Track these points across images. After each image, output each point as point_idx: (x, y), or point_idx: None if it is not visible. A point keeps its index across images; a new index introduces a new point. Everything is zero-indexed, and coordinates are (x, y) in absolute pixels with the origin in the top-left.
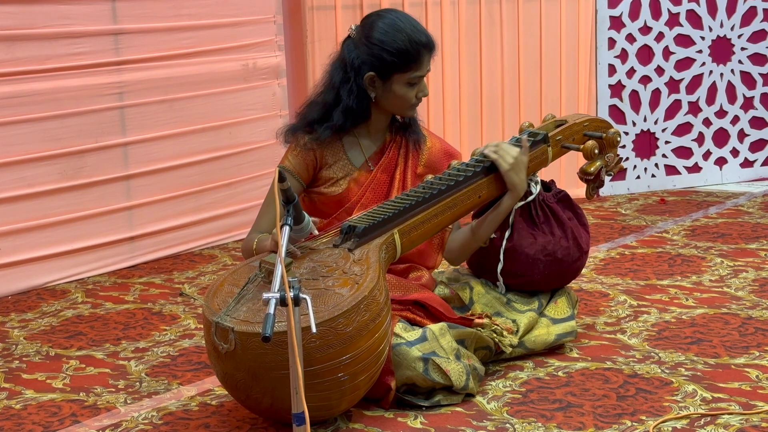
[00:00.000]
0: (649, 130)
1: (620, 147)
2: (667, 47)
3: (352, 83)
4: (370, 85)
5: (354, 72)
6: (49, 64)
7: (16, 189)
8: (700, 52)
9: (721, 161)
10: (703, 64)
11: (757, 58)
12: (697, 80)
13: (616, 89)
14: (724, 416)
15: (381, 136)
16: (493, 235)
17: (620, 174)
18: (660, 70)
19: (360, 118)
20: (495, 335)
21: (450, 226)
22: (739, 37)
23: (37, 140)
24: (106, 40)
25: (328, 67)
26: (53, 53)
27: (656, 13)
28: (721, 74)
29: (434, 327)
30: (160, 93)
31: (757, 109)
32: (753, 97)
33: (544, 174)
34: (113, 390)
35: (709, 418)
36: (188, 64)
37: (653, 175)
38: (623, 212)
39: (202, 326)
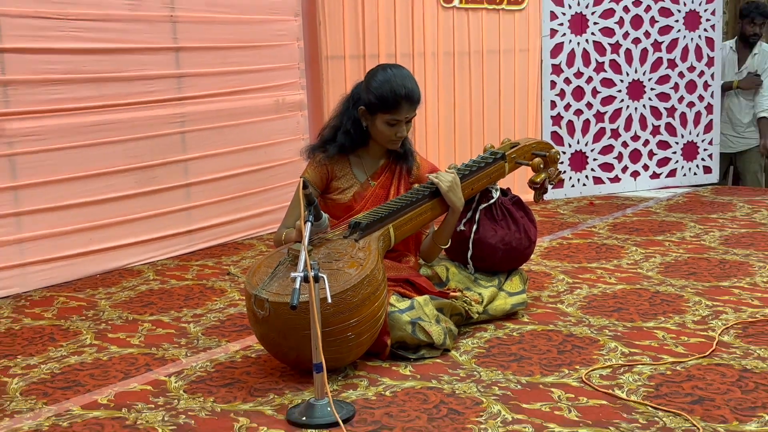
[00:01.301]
0: (581, 150)
1: (559, 163)
2: (594, 88)
3: (350, 111)
4: (362, 116)
5: (352, 104)
6: (128, 100)
7: (104, 193)
8: (620, 91)
9: (635, 174)
10: (622, 100)
11: (662, 96)
12: (617, 113)
13: (557, 119)
14: (638, 366)
15: (378, 160)
16: (462, 228)
17: (559, 183)
18: (589, 105)
19: (357, 140)
20: (465, 305)
21: (427, 231)
22: (649, 80)
23: (119, 157)
24: (171, 82)
25: (339, 103)
26: (132, 91)
27: (586, 62)
28: (636, 108)
29: (420, 299)
30: (212, 122)
31: (662, 134)
32: (659, 125)
33: (502, 183)
34: (177, 346)
35: (627, 368)
36: (233, 99)
37: (584, 185)
38: (561, 212)
39: (244, 297)
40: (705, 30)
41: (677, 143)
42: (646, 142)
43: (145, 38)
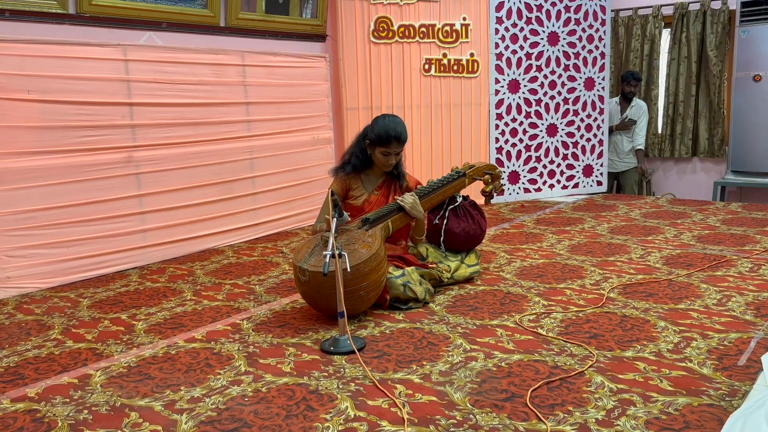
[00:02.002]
0: (515, 170)
1: (502, 179)
2: (524, 128)
3: (360, 143)
4: (367, 147)
5: (362, 139)
6: (215, 137)
7: (199, 199)
8: (541, 131)
9: (551, 186)
10: (543, 137)
11: (569, 134)
12: (539, 145)
13: (499, 149)
14: (554, 313)
15: (379, 178)
16: (437, 222)
17: (501, 192)
18: (521, 140)
19: (364, 163)
20: (439, 273)
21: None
22: (561, 123)
23: (208, 175)
24: (243, 125)
25: (354, 138)
26: (217, 131)
27: (519, 111)
28: (552, 142)
29: (409, 269)
30: (271, 151)
31: (569, 160)
32: (567, 153)
33: (464, 192)
34: (248, 300)
35: (546, 314)
36: (284, 137)
37: (518, 193)
38: (503, 212)
39: (291, 268)
40: (597, 90)
41: (579, 165)
42: (559, 165)
43: (225, 96)
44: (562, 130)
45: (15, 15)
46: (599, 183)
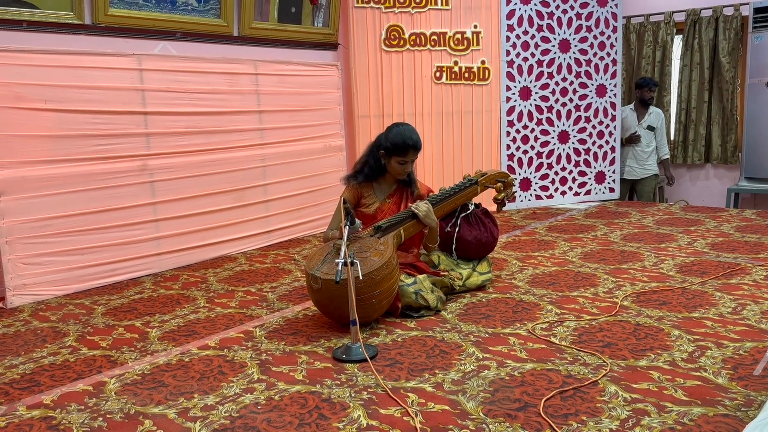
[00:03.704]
0: (527, 177)
1: (513, 186)
2: (536, 135)
3: (374, 153)
4: (382, 157)
5: (376, 149)
6: (228, 145)
7: (212, 206)
8: (552, 138)
9: (563, 193)
10: (554, 144)
11: (581, 141)
12: (551, 152)
13: (511, 156)
14: (567, 321)
15: (391, 185)
16: (449, 230)
17: (513, 200)
18: (532, 147)
19: (378, 172)
20: (451, 281)
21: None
22: (572, 130)
23: (221, 183)
24: (255, 133)
25: (367, 147)
26: (230, 139)
27: (530, 118)
28: (563, 149)
29: (420, 276)
30: (284, 159)
31: (581, 166)
32: (579, 160)
33: (476, 200)
34: (260, 307)
35: (559, 323)
36: (297, 144)
37: (529, 200)
38: (515, 219)
39: (304, 275)
40: (609, 97)
41: (591, 172)
42: (571, 172)
43: (238, 105)
44: (574, 136)
45: (32, 26)
46: (611, 190)
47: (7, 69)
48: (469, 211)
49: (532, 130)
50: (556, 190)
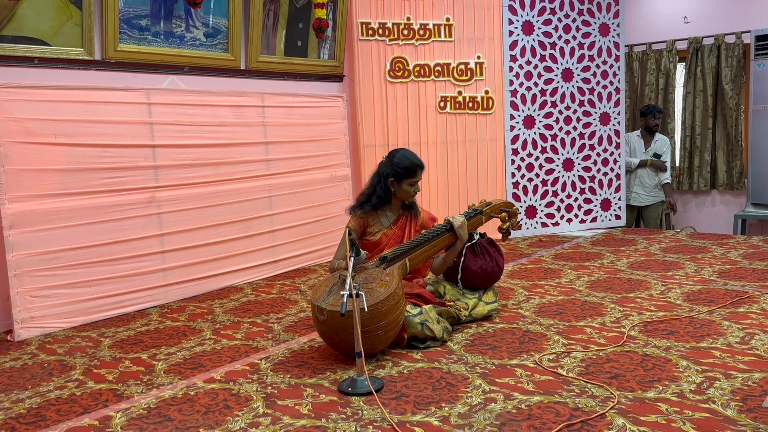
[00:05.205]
0: (532, 204)
1: (519, 215)
2: (540, 163)
3: (382, 183)
4: (391, 185)
5: (383, 177)
6: (235, 176)
7: (219, 237)
8: (557, 165)
9: (569, 220)
10: (559, 171)
11: (586, 168)
12: (556, 180)
13: (516, 185)
14: (574, 352)
15: (396, 212)
16: (455, 260)
17: (518, 228)
18: (537, 175)
19: (385, 201)
20: (456, 311)
21: (434, 256)
22: (577, 158)
23: (228, 213)
24: (262, 164)
25: (371, 176)
26: (237, 170)
27: (534, 146)
28: (568, 177)
29: (426, 307)
30: (290, 189)
31: (587, 194)
32: (585, 188)
33: (480, 230)
34: (266, 339)
35: (566, 354)
36: (303, 174)
37: (535, 227)
38: (520, 246)
39: (310, 306)
40: (613, 125)
41: (597, 199)
42: (576, 199)
43: (245, 136)
44: (579, 164)
45: (43, 62)
46: (618, 217)
47: (19, 105)
48: (474, 241)
49: (537, 158)
50: (562, 217)
